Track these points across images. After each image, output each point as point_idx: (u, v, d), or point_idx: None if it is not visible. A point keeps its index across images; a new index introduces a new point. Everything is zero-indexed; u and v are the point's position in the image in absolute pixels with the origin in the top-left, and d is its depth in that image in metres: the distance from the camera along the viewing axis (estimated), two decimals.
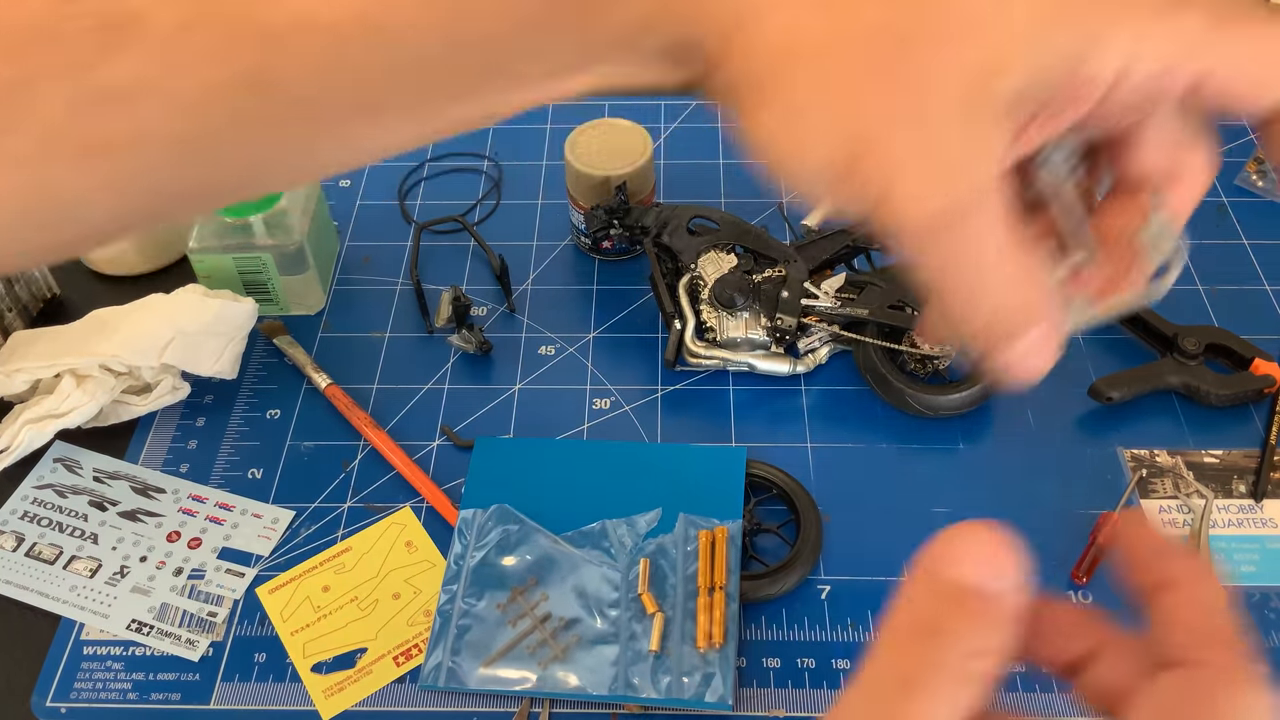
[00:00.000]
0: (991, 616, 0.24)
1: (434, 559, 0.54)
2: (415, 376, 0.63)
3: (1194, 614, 0.26)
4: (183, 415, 0.62)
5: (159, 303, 0.61)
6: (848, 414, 0.60)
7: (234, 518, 0.57)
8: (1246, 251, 0.68)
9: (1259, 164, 0.73)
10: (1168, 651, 0.25)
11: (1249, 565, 0.53)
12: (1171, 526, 0.55)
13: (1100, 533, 0.53)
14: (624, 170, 0.65)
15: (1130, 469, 0.57)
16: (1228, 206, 0.71)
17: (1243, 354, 0.60)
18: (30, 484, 0.58)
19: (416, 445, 0.59)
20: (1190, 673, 0.24)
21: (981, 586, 0.24)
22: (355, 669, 0.51)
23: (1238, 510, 0.55)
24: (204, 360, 0.60)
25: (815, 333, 0.61)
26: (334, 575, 0.54)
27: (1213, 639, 0.25)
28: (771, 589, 0.52)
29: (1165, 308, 0.62)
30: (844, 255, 0.63)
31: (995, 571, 0.24)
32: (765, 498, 0.56)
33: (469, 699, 0.49)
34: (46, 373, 0.59)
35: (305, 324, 0.66)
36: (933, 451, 0.58)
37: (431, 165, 0.76)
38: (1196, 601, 0.26)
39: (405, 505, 0.57)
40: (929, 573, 0.24)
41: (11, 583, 0.54)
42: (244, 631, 0.52)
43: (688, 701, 0.48)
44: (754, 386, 0.62)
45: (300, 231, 0.63)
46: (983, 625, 0.23)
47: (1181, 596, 0.26)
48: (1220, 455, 0.58)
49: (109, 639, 0.52)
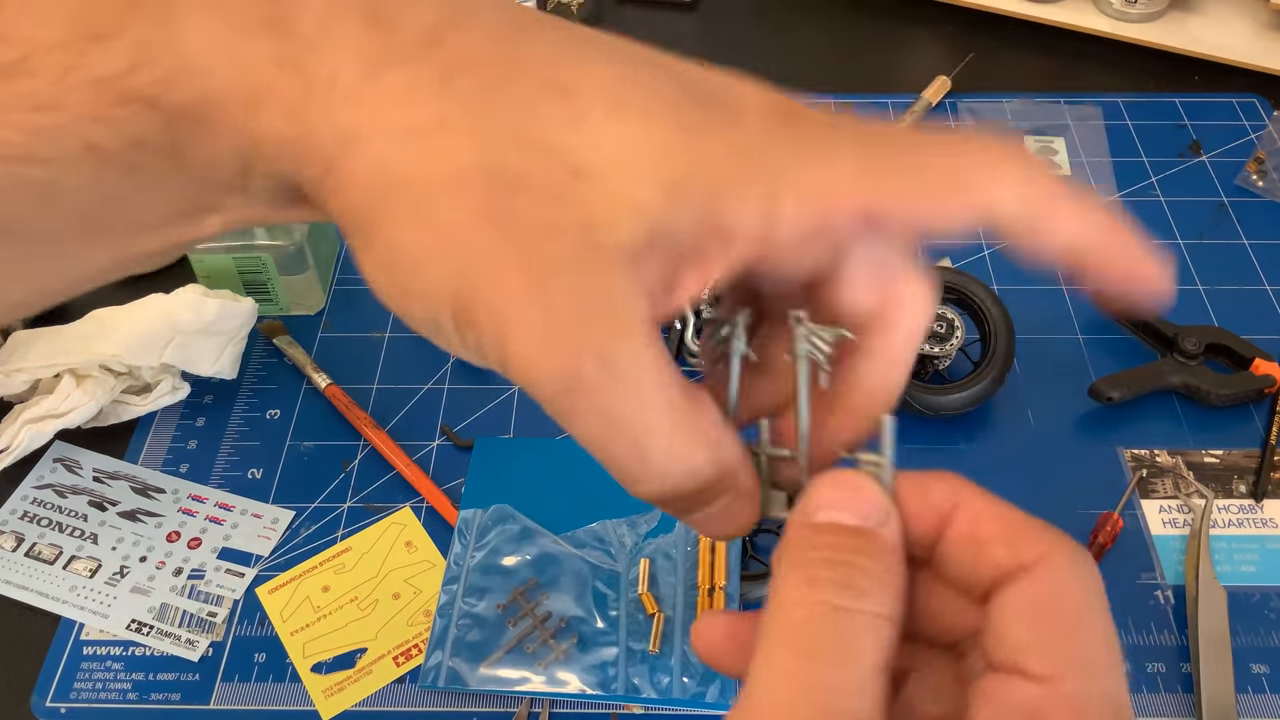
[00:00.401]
0: (877, 550, 0.24)
1: (434, 559, 0.54)
2: (415, 376, 0.63)
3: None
4: (182, 415, 0.62)
5: (159, 303, 0.61)
6: None
7: (234, 518, 0.57)
8: (1246, 251, 0.68)
9: (1259, 164, 0.73)
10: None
11: (1249, 565, 0.53)
12: (1172, 526, 0.55)
13: (1100, 532, 0.53)
14: None
15: (1130, 469, 0.57)
16: (1228, 206, 0.71)
17: (1243, 354, 0.60)
18: (30, 484, 0.58)
19: (416, 445, 0.59)
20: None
21: (860, 525, 0.24)
22: (355, 669, 0.51)
23: (1238, 510, 0.55)
24: (204, 360, 0.60)
25: None
26: (334, 575, 0.54)
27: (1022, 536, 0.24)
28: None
29: (1165, 308, 0.62)
30: None
31: (866, 509, 0.24)
32: None
33: (469, 699, 0.49)
34: (46, 373, 0.59)
35: (305, 324, 0.66)
36: (933, 451, 0.58)
37: None
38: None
39: (405, 505, 0.57)
40: (804, 521, 0.24)
41: (11, 583, 0.54)
42: (244, 631, 0.52)
43: (688, 702, 0.48)
44: None
45: (300, 231, 0.63)
46: (873, 558, 0.23)
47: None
48: (1220, 455, 0.58)
49: (109, 639, 0.52)
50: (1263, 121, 0.77)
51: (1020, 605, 0.22)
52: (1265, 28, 0.81)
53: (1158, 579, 0.53)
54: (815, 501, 0.24)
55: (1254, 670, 0.49)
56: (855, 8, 0.89)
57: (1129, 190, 0.73)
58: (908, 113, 0.77)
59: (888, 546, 0.24)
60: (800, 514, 0.24)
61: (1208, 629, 0.50)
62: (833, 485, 0.24)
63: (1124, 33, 0.82)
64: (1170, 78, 0.81)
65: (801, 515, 0.24)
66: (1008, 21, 0.85)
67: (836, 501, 0.24)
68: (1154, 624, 0.51)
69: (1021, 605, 0.22)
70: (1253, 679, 0.49)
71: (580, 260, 0.22)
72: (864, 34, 0.87)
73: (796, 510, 0.25)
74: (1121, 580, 0.53)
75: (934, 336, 0.59)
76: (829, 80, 0.82)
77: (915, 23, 0.87)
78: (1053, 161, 0.75)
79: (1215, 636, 0.50)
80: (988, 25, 0.86)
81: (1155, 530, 0.55)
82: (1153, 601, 0.52)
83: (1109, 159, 0.75)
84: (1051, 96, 0.79)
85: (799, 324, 0.25)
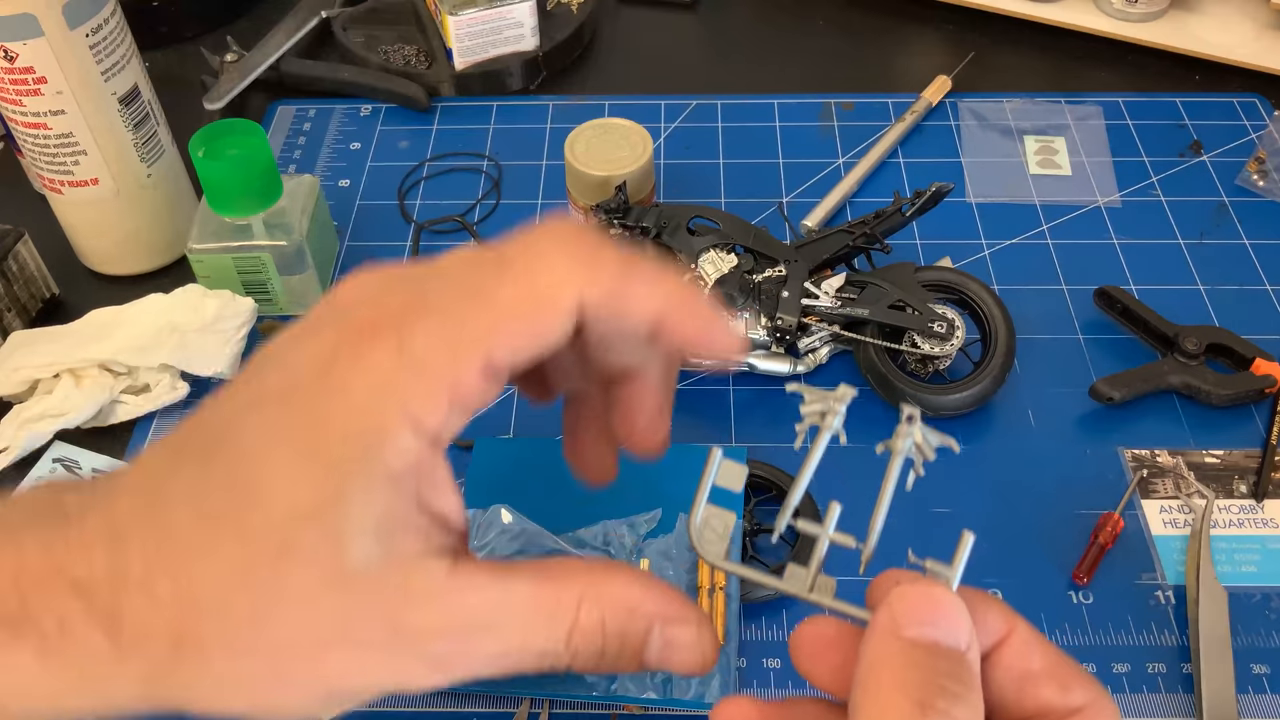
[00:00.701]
0: (969, 676, 0.24)
1: None
2: None
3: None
4: (182, 415, 0.61)
5: (158, 303, 0.61)
6: (848, 414, 0.60)
7: None
8: (1247, 251, 0.68)
9: (1259, 164, 0.73)
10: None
11: (1249, 565, 0.53)
12: (1173, 527, 0.55)
13: (1101, 533, 0.53)
14: (624, 170, 0.65)
15: (1131, 469, 0.57)
16: (1228, 206, 0.71)
17: (1243, 354, 0.60)
18: (29, 484, 0.58)
19: None
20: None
21: (955, 646, 0.24)
22: None
23: (1238, 510, 0.55)
24: (203, 360, 0.60)
25: (816, 333, 0.61)
26: None
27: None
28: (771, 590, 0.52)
29: (1166, 308, 0.62)
30: (844, 255, 0.63)
31: (959, 630, 0.24)
32: (765, 498, 0.56)
33: (469, 699, 0.49)
34: (45, 373, 0.58)
35: None
36: None
37: (431, 165, 0.76)
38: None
39: None
40: (898, 633, 0.24)
41: None
42: None
43: (688, 702, 0.48)
44: (754, 386, 0.62)
45: (300, 231, 0.63)
46: (965, 686, 0.24)
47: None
48: (1221, 455, 0.58)
49: None
50: (1263, 121, 0.77)
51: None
52: (1265, 28, 0.81)
53: (1158, 579, 0.53)
54: (908, 615, 0.25)
55: (1255, 670, 0.49)
56: (855, 7, 0.89)
57: (1129, 190, 0.73)
58: (908, 112, 0.77)
59: (975, 670, 0.24)
60: (891, 622, 0.25)
61: (1208, 629, 0.50)
62: (927, 601, 0.25)
63: (1124, 32, 0.82)
64: (1170, 77, 0.81)
65: (892, 624, 0.25)
66: (1008, 21, 0.85)
67: (930, 618, 0.24)
68: (1154, 624, 0.51)
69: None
70: (1253, 679, 0.49)
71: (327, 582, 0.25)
72: (864, 34, 0.87)
73: (883, 616, 0.25)
74: (1122, 580, 0.53)
75: (934, 336, 0.59)
76: (829, 80, 0.82)
77: (915, 23, 0.87)
78: (1052, 161, 0.75)
79: (1216, 637, 0.50)
80: (988, 25, 0.86)
81: (1156, 530, 0.55)
82: (1153, 601, 0.52)
83: (1109, 159, 0.75)
84: (1051, 96, 0.79)
85: (910, 422, 0.26)
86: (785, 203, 0.72)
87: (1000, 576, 0.53)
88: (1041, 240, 0.69)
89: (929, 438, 0.25)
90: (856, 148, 0.76)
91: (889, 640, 0.24)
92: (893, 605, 0.25)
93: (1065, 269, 0.67)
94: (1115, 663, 0.50)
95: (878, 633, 0.25)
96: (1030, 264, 0.68)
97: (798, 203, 0.72)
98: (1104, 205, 0.72)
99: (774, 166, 0.75)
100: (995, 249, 0.69)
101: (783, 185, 0.74)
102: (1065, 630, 0.51)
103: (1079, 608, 0.52)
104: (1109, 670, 0.50)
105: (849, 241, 0.62)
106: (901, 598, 0.25)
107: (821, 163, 0.75)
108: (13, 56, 0.58)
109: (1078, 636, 0.51)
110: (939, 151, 0.76)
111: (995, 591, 0.52)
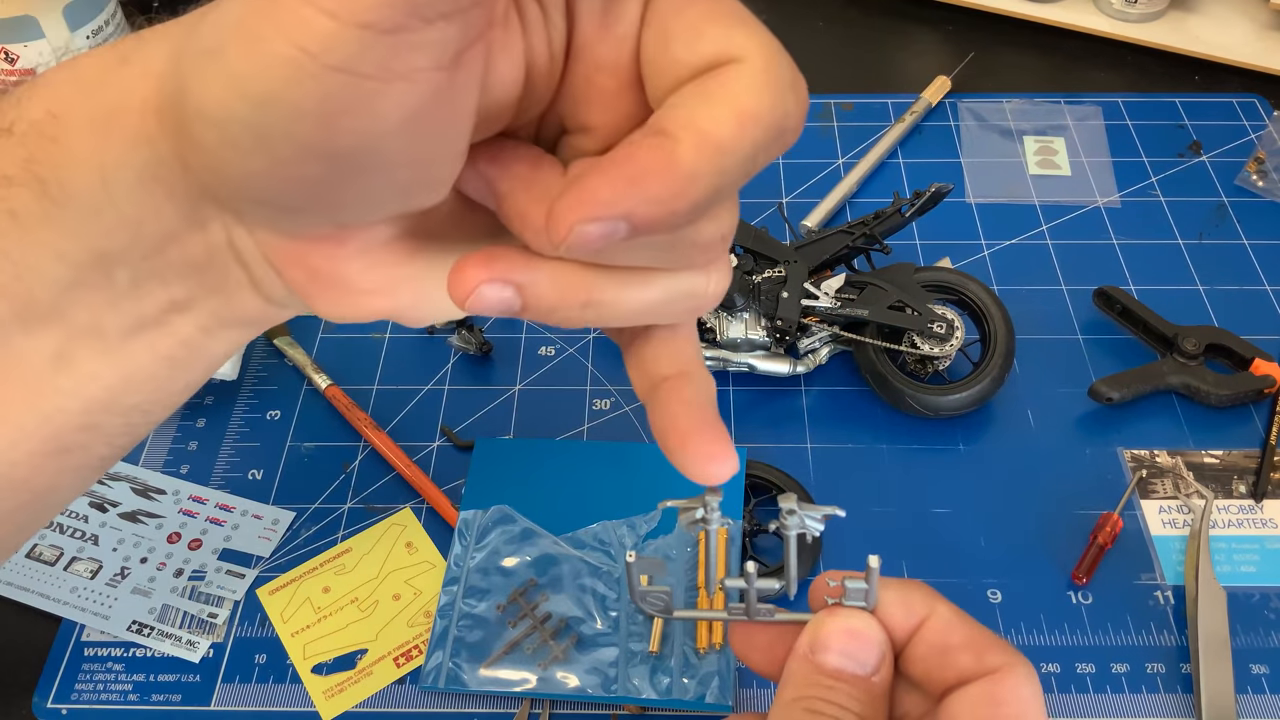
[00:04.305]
0: (869, 697, 0.28)
1: (434, 560, 0.54)
2: (415, 377, 0.63)
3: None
4: (183, 416, 0.62)
5: None
6: (848, 415, 0.60)
7: (234, 519, 0.57)
8: (1246, 251, 0.68)
9: (1259, 164, 0.73)
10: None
11: (1249, 565, 0.53)
12: (1172, 527, 0.55)
13: (1100, 533, 0.53)
14: None
15: (1130, 469, 0.57)
16: (1228, 206, 0.71)
17: (1243, 354, 0.60)
18: None
19: (416, 446, 0.59)
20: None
21: (857, 672, 0.28)
22: (355, 670, 0.51)
23: (1238, 510, 0.55)
24: None
25: (815, 333, 0.62)
26: (334, 576, 0.54)
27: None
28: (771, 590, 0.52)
29: (1165, 308, 0.62)
30: (844, 255, 0.63)
31: (868, 657, 0.28)
32: (765, 498, 0.56)
33: (469, 700, 0.49)
34: None
35: (305, 325, 0.66)
36: (933, 452, 0.58)
37: None
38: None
39: (405, 506, 0.57)
40: (809, 658, 0.29)
41: (12, 584, 0.54)
42: (244, 633, 0.52)
43: (687, 702, 0.48)
44: (754, 387, 0.62)
45: None
46: (861, 704, 0.28)
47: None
48: (1220, 455, 0.58)
49: (110, 640, 0.52)
50: (1263, 121, 0.77)
51: (976, 699, 0.27)
52: (1265, 28, 0.81)
53: (1157, 579, 0.53)
54: (824, 643, 0.29)
55: (1254, 671, 0.50)
56: (855, 7, 0.89)
57: (1129, 190, 0.73)
58: (908, 112, 0.77)
59: (879, 693, 0.28)
60: (808, 648, 0.29)
61: (1208, 629, 0.50)
62: (843, 634, 0.29)
63: (1124, 33, 0.82)
64: (1170, 78, 0.81)
65: (808, 649, 0.29)
66: (1008, 21, 0.85)
67: (843, 647, 0.28)
68: (1154, 624, 0.51)
69: (977, 699, 0.27)
70: (1253, 679, 0.49)
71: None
72: (864, 34, 0.87)
73: (803, 642, 0.29)
74: (1121, 580, 0.53)
75: (933, 337, 0.59)
76: (829, 80, 0.82)
77: (915, 23, 0.88)
78: (1052, 161, 0.75)
79: (1215, 637, 0.50)
80: (988, 25, 0.86)
81: (1155, 531, 0.55)
82: (1152, 602, 0.52)
83: (1109, 159, 0.75)
84: (1051, 96, 0.79)
85: (791, 515, 0.29)
86: (785, 203, 0.72)
87: (1000, 576, 0.53)
88: (1041, 240, 0.69)
89: (811, 516, 0.29)
90: (856, 148, 0.76)
91: (803, 661, 0.29)
92: (812, 632, 0.29)
93: (1065, 269, 0.68)
94: (1114, 663, 0.50)
95: (796, 655, 0.29)
96: (1030, 264, 0.68)
97: (797, 203, 0.72)
98: (1103, 205, 0.72)
99: (773, 166, 0.75)
100: (995, 249, 0.69)
101: (782, 185, 0.74)
102: (1064, 630, 0.51)
103: (1078, 608, 0.52)
104: (1108, 670, 0.50)
105: (848, 242, 0.62)
106: (819, 625, 0.29)
107: (821, 163, 0.75)
108: (14, 58, 0.58)
109: (1077, 636, 0.51)
110: (938, 152, 0.76)
111: (995, 591, 0.53)
